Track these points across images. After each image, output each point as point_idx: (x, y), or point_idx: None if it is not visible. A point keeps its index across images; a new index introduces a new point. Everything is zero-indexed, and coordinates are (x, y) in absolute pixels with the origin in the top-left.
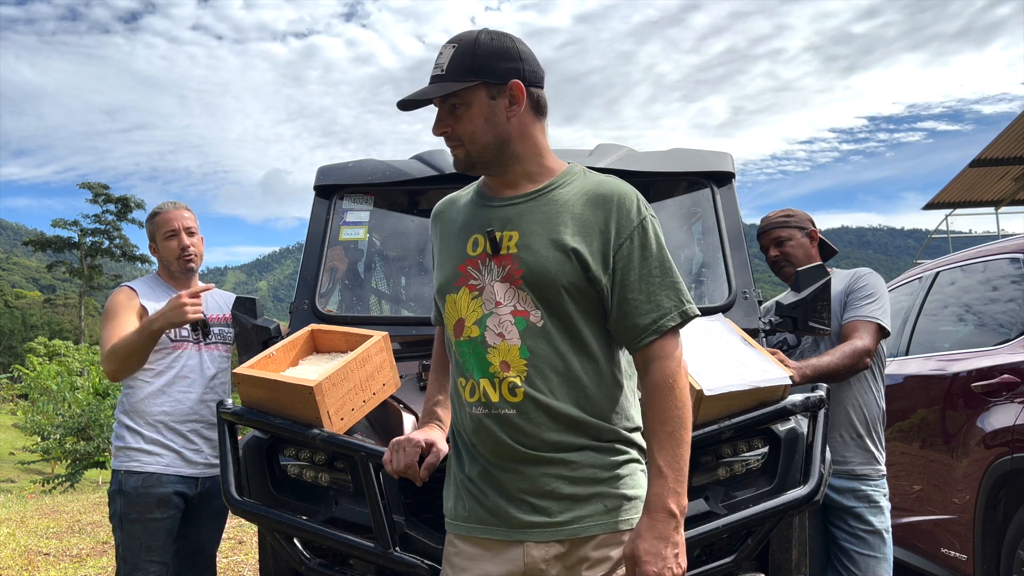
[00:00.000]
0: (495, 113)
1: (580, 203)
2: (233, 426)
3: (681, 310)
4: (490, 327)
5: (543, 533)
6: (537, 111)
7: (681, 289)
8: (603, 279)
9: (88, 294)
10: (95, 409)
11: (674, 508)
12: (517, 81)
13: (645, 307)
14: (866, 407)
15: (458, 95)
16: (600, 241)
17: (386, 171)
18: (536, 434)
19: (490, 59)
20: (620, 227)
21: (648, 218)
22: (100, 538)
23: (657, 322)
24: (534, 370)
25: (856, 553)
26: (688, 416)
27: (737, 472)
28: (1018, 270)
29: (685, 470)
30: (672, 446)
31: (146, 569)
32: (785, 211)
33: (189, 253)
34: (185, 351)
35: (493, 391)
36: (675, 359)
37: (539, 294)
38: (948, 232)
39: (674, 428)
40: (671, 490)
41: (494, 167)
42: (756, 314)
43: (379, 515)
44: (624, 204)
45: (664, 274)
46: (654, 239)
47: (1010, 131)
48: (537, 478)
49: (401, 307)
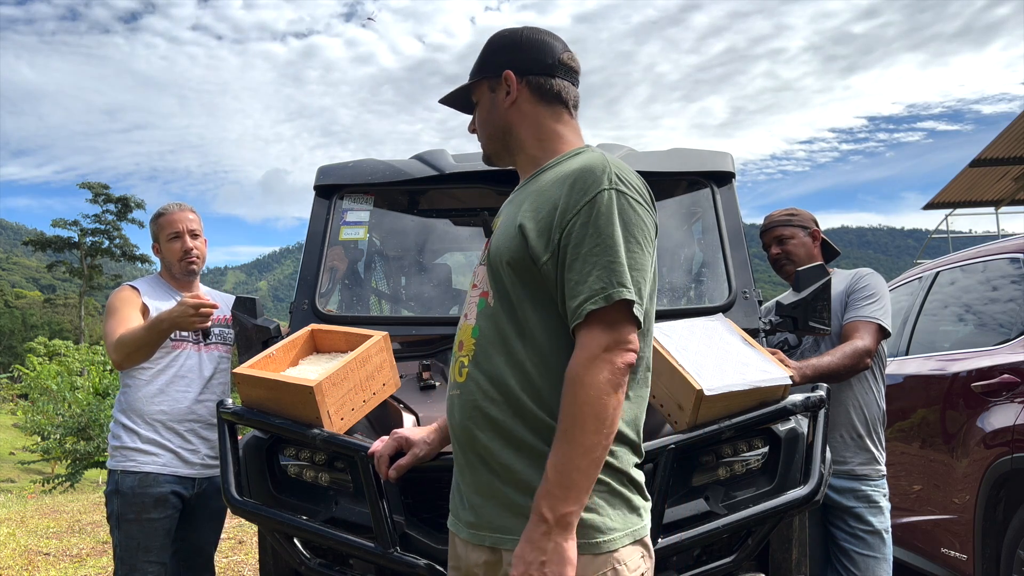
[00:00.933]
0: (495, 104)
1: (554, 178)
2: (233, 426)
3: (606, 294)
4: (465, 308)
5: (472, 534)
6: (543, 98)
7: (616, 270)
8: (543, 256)
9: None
10: (95, 409)
11: (546, 513)
12: (508, 72)
13: (576, 288)
14: (866, 407)
15: (475, 93)
16: (548, 217)
17: (386, 171)
18: (473, 419)
19: (491, 55)
20: (571, 202)
21: (605, 192)
22: (100, 538)
23: (581, 305)
24: (480, 351)
25: (856, 553)
26: (591, 418)
27: (737, 472)
28: (1018, 270)
29: (576, 476)
30: (562, 446)
31: (144, 569)
32: (789, 210)
33: (192, 256)
34: (184, 351)
35: (455, 371)
36: (588, 351)
37: (492, 273)
38: (948, 232)
39: (568, 427)
40: (549, 493)
41: (505, 156)
42: (756, 314)
43: (379, 515)
44: (582, 177)
45: (603, 252)
46: (605, 214)
47: (1010, 131)
48: (476, 469)
49: (401, 307)
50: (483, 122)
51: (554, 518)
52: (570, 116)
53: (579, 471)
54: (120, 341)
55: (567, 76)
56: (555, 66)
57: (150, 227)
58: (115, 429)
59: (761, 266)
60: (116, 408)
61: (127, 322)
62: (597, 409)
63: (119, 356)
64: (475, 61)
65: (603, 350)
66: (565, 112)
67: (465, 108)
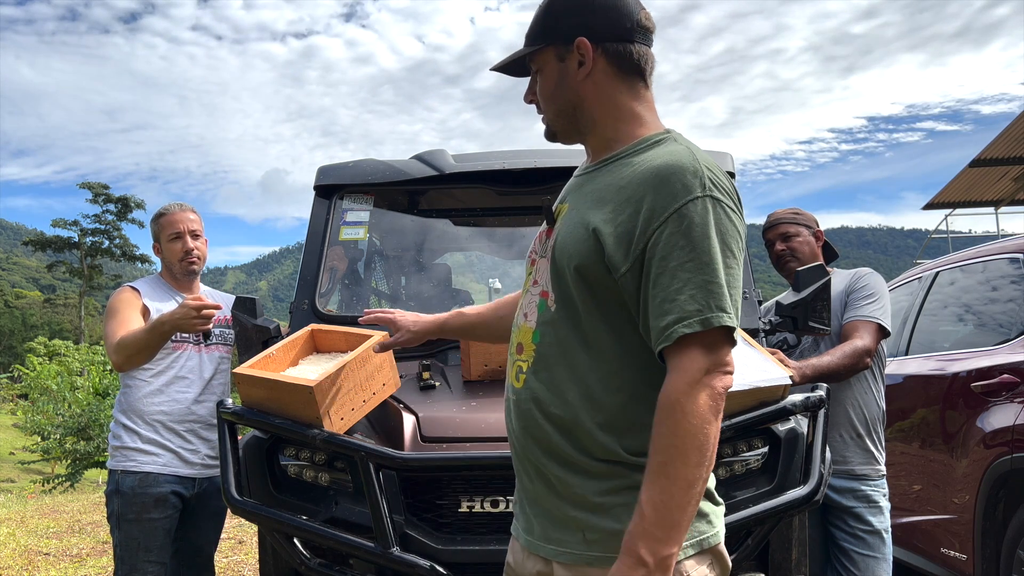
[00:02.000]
0: (565, 76)
1: (633, 175)
2: (233, 426)
3: (703, 317)
4: (523, 306)
5: (528, 542)
6: (621, 68)
7: (714, 291)
8: (622, 267)
9: (88, 294)
10: (95, 409)
11: (645, 555)
12: (583, 39)
13: (664, 307)
14: (866, 407)
15: (535, 60)
16: (629, 222)
17: (386, 171)
18: (529, 429)
19: (559, 17)
20: (656, 208)
21: (698, 200)
22: (100, 538)
23: (671, 327)
24: (539, 358)
25: (856, 553)
26: (694, 449)
27: (737, 472)
28: (1018, 270)
29: (677, 515)
30: (660, 481)
31: (144, 569)
32: (793, 209)
33: (192, 257)
34: (185, 352)
35: (512, 375)
36: (687, 375)
37: (556, 273)
38: (948, 232)
39: (666, 460)
40: (647, 533)
41: (573, 135)
42: (756, 314)
43: (379, 515)
44: (670, 180)
45: (697, 270)
46: (700, 225)
47: (1009, 131)
48: (533, 479)
49: (401, 307)
50: (549, 96)
51: (655, 562)
52: (646, 88)
53: (680, 508)
54: (121, 343)
55: (645, 40)
56: (634, 29)
57: (151, 227)
58: (115, 429)
59: (761, 266)
60: (116, 408)
61: (127, 324)
62: (700, 440)
63: (120, 358)
64: (534, 21)
65: (704, 374)
66: (642, 84)
67: (518, 73)
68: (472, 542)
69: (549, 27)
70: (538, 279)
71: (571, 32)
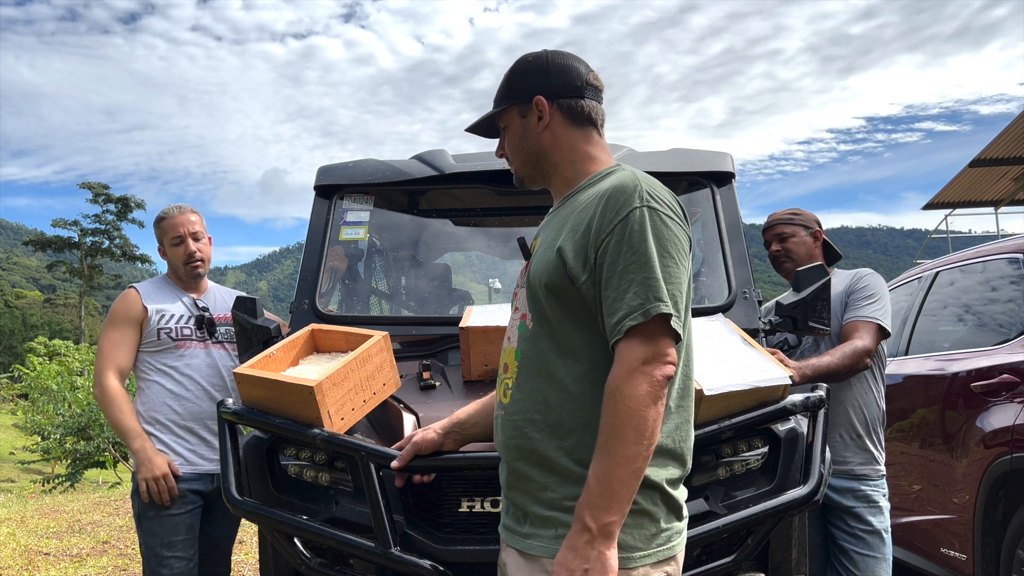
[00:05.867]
0: (527, 130)
1: (587, 200)
2: (234, 426)
3: (644, 309)
4: (507, 331)
5: (510, 537)
6: (574, 120)
7: (653, 285)
8: (582, 276)
9: (88, 294)
10: (95, 409)
11: (589, 523)
12: (540, 97)
13: (615, 306)
14: (866, 407)
15: (502, 119)
16: (583, 237)
17: (386, 171)
18: (515, 439)
19: (518, 80)
20: (604, 221)
21: (638, 210)
22: (100, 538)
23: (620, 322)
24: (522, 372)
25: (855, 553)
26: (631, 429)
27: (737, 472)
28: (1017, 270)
29: (617, 486)
30: (603, 457)
31: (170, 565)
32: (792, 209)
33: (195, 260)
34: (189, 349)
35: (500, 393)
36: (626, 364)
37: (531, 295)
38: (948, 232)
39: (608, 438)
40: (591, 503)
41: (539, 179)
42: (756, 314)
43: (379, 515)
44: (614, 196)
45: (639, 268)
46: (638, 231)
47: (1009, 131)
48: (516, 484)
49: (401, 307)
50: (515, 148)
51: (597, 527)
52: (599, 135)
53: (620, 481)
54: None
55: (594, 96)
56: (583, 87)
57: (154, 231)
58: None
59: (761, 266)
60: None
61: (117, 344)
62: (636, 421)
63: (96, 395)
64: (500, 87)
65: (642, 363)
66: (595, 132)
67: (490, 134)
68: (472, 542)
69: (512, 90)
70: (518, 306)
71: (530, 92)
